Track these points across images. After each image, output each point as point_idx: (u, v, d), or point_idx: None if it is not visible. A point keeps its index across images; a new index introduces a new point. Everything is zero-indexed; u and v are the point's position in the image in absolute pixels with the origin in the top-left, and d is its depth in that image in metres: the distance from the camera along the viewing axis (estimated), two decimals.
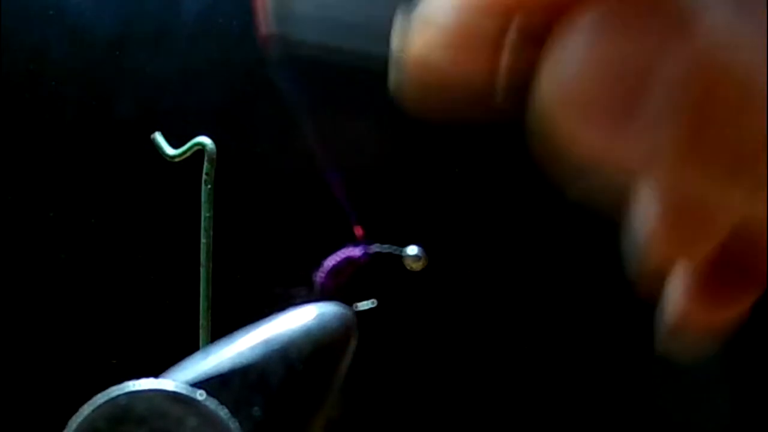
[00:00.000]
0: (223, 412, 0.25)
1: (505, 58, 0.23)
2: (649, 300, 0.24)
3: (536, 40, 0.22)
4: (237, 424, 0.25)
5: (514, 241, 0.58)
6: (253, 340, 0.28)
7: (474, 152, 0.59)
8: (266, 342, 0.27)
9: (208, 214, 0.50)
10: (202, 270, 0.50)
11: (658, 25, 0.20)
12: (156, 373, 0.27)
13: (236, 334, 0.28)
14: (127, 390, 0.25)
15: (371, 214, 0.58)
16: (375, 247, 0.33)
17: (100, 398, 0.25)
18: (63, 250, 0.57)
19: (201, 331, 0.48)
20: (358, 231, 0.33)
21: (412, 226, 0.57)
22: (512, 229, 0.58)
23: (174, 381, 0.26)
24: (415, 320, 0.54)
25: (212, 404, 0.26)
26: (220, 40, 0.59)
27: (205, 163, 0.51)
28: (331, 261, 0.33)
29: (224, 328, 0.31)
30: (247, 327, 0.28)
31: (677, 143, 0.20)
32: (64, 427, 0.26)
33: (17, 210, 0.57)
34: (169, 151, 0.52)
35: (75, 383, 0.56)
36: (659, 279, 0.24)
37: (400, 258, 0.33)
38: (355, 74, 0.59)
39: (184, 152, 0.52)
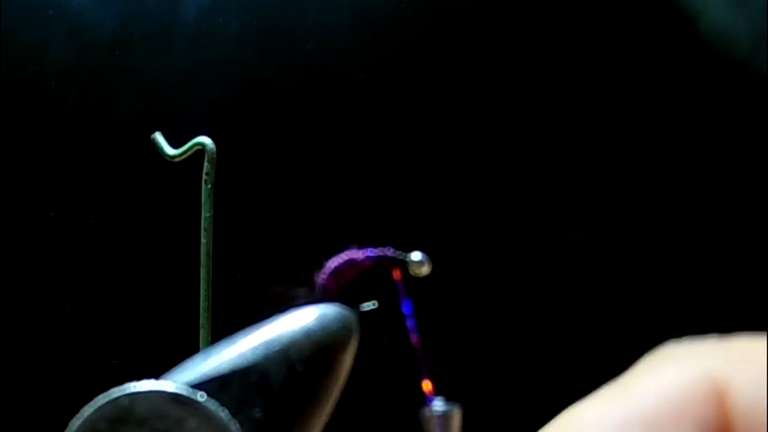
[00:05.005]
0: (223, 414, 0.25)
1: None
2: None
3: None
4: (238, 425, 0.25)
5: (517, 245, 0.58)
6: (254, 342, 0.27)
7: (474, 152, 0.59)
8: (267, 343, 0.27)
9: (208, 214, 0.50)
10: (202, 270, 0.50)
11: None
12: (157, 375, 0.27)
13: (237, 335, 0.28)
14: (127, 391, 0.25)
15: (374, 218, 0.58)
16: (379, 251, 0.33)
17: (101, 399, 0.25)
18: (63, 250, 0.57)
19: (201, 331, 0.48)
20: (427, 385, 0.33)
21: (413, 230, 0.57)
22: (515, 233, 0.58)
23: (174, 382, 0.26)
24: (417, 321, 0.54)
25: (213, 405, 0.26)
26: (220, 40, 0.59)
27: (205, 163, 0.51)
28: (333, 262, 0.33)
29: (224, 328, 0.31)
30: (248, 328, 0.28)
31: None
32: (64, 428, 0.26)
33: (17, 210, 0.57)
34: (169, 151, 0.52)
35: (76, 384, 0.56)
36: None
37: (404, 263, 0.33)
38: (354, 77, 0.59)
39: (184, 152, 0.52)
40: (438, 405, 0.30)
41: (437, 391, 0.32)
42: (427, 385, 0.33)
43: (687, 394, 0.20)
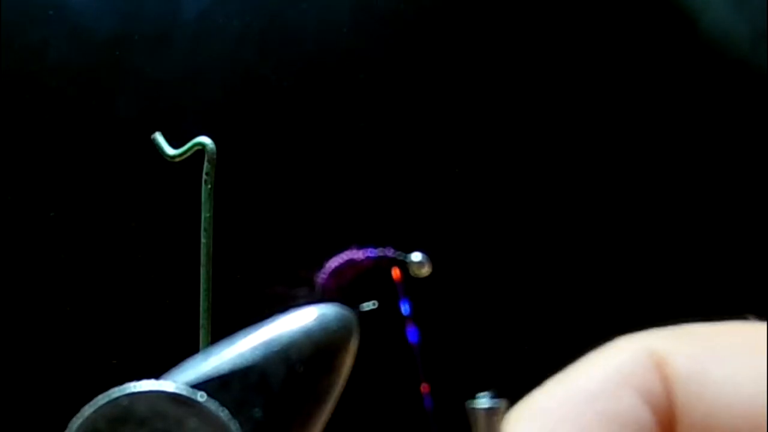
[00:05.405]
0: (223, 414, 0.25)
1: None
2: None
3: None
4: (237, 425, 0.25)
5: (517, 246, 0.58)
6: (254, 342, 0.27)
7: (474, 153, 0.59)
8: (267, 343, 0.27)
9: (208, 214, 0.50)
10: (202, 270, 0.50)
11: None
12: (157, 375, 0.27)
13: (237, 335, 0.28)
14: (127, 391, 0.25)
15: (374, 218, 0.58)
16: (379, 252, 0.33)
17: (101, 399, 0.25)
18: (63, 250, 0.57)
19: (201, 331, 0.48)
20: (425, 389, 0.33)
21: (413, 230, 0.57)
22: (515, 233, 0.58)
23: (174, 382, 0.26)
24: (417, 321, 0.54)
25: (213, 405, 0.26)
26: (220, 40, 0.59)
27: (205, 163, 0.51)
28: (333, 262, 0.33)
29: (224, 328, 0.31)
30: (248, 328, 0.28)
31: None
32: (65, 428, 0.26)
33: (17, 210, 0.57)
34: (169, 151, 0.52)
35: (76, 384, 0.56)
36: None
37: (404, 263, 0.33)
38: (354, 77, 0.59)
39: (184, 152, 0.51)
40: (483, 401, 0.30)
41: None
42: (424, 387, 0.33)
43: (627, 367, 0.21)
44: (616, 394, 0.21)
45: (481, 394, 0.29)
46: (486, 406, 0.29)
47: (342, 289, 0.32)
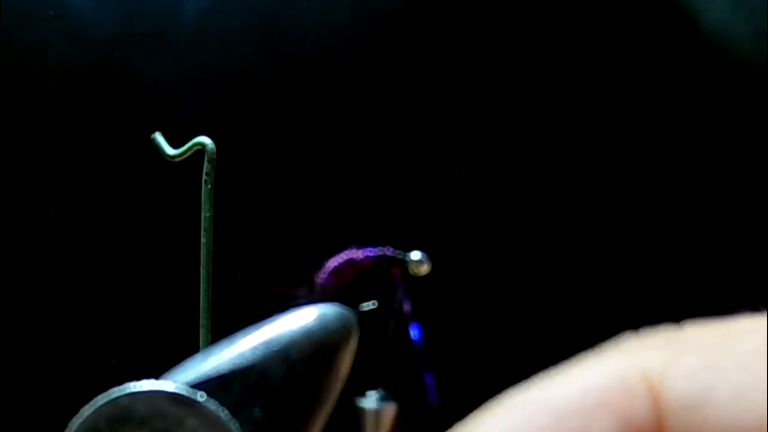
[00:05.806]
0: (223, 414, 0.25)
1: None
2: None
3: None
4: (237, 425, 0.26)
5: (517, 245, 0.58)
6: (254, 341, 0.27)
7: (474, 152, 0.59)
8: (267, 343, 0.27)
9: (208, 214, 0.50)
10: (202, 270, 0.50)
11: None
12: (157, 375, 0.27)
13: (237, 335, 0.28)
14: (127, 391, 0.25)
15: (374, 218, 0.58)
16: (378, 251, 0.33)
17: (101, 399, 0.25)
18: (63, 250, 0.57)
19: (201, 331, 0.48)
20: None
21: (413, 230, 0.57)
22: (515, 233, 0.58)
23: (174, 382, 0.26)
24: (416, 320, 0.54)
25: (213, 405, 0.26)
26: (220, 40, 0.59)
27: (205, 163, 0.51)
28: (333, 262, 0.33)
29: (224, 328, 0.31)
30: (248, 328, 0.28)
31: None
32: (64, 428, 0.26)
33: (17, 210, 0.57)
34: (169, 151, 0.52)
35: (76, 384, 0.56)
36: None
37: (403, 262, 0.33)
38: (354, 77, 0.59)
39: (184, 152, 0.52)
40: (373, 400, 0.30)
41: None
42: (425, 381, 0.33)
43: (612, 387, 0.20)
44: (592, 416, 0.19)
45: (371, 392, 0.29)
46: (375, 406, 0.28)
47: (342, 289, 0.32)
